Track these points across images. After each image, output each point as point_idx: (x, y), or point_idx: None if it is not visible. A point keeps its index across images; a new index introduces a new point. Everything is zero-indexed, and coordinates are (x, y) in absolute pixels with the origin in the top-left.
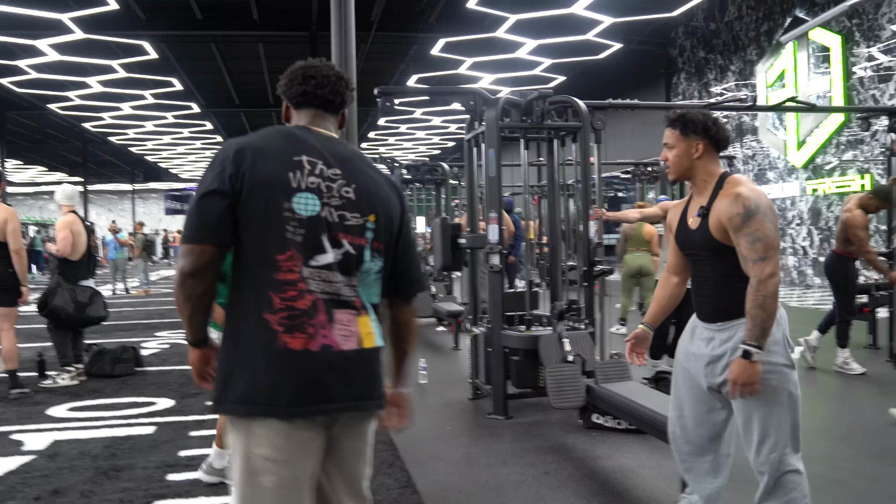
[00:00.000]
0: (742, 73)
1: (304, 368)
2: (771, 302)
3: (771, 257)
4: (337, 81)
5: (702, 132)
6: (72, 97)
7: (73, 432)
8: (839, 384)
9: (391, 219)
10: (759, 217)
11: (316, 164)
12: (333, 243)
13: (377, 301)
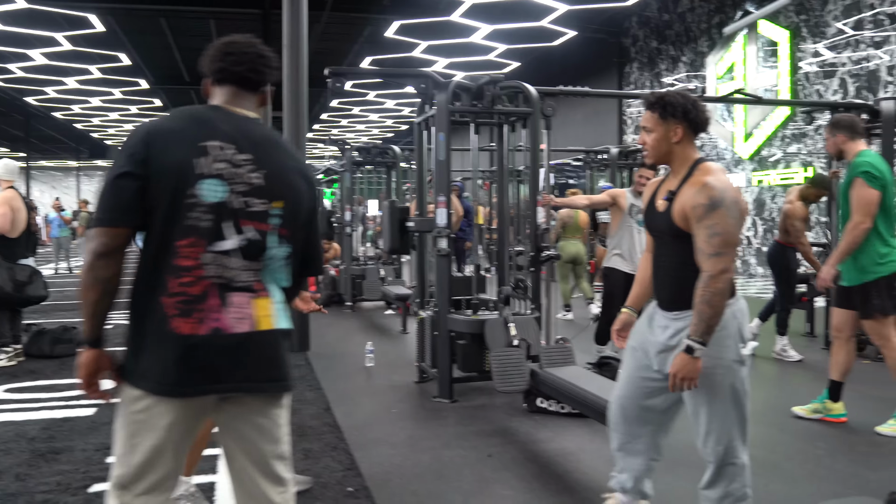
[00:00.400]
0: (693, 65)
1: (191, 351)
2: (719, 299)
3: (726, 254)
4: (257, 59)
5: (681, 116)
6: (13, 69)
7: (9, 414)
8: (777, 370)
9: (300, 206)
10: (721, 211)
11: (225, 149)
12: (236, 230)
13: (287, 284)
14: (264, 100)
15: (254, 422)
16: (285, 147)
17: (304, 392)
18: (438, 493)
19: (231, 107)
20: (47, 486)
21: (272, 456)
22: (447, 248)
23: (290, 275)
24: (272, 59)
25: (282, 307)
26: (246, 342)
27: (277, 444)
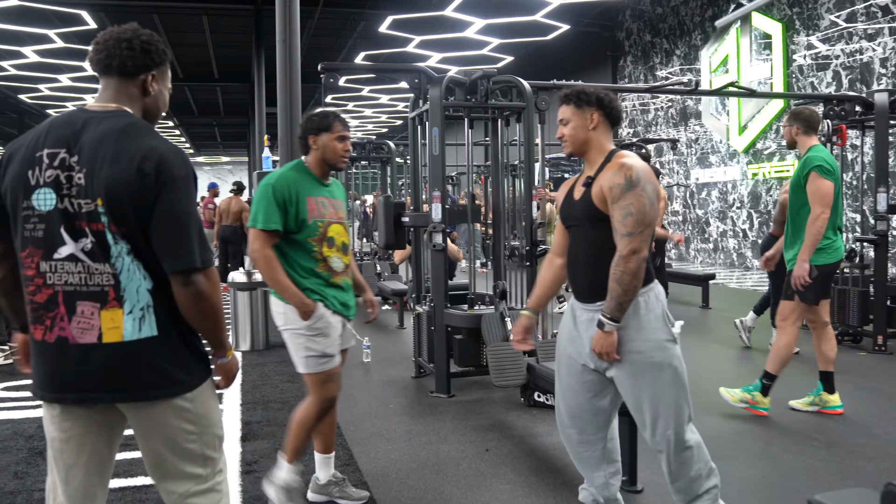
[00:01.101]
0: (687, 58)
1: (43, 358)
2: (629, 279)
3: (639, 234)
4: (115, 44)
5: (595, 103)
6: (6, 67)
7: (7, 412)
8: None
9: (130, 198)
10: (637, 190)
11: (56, 155)
12: (75, 234)
13: (149, 285)
14: (144, 87)
15: (139, 427)
16: (128, 136)
17: (301, 387)
18: (436, 488)
19: (99, 102)
20: (45, 483)
21: (166, 460)
22: (442, 242)
23: (148, 273)
24: (136, 42)
25: (140, 315)
26: (92, 353)
27: (169, 448)
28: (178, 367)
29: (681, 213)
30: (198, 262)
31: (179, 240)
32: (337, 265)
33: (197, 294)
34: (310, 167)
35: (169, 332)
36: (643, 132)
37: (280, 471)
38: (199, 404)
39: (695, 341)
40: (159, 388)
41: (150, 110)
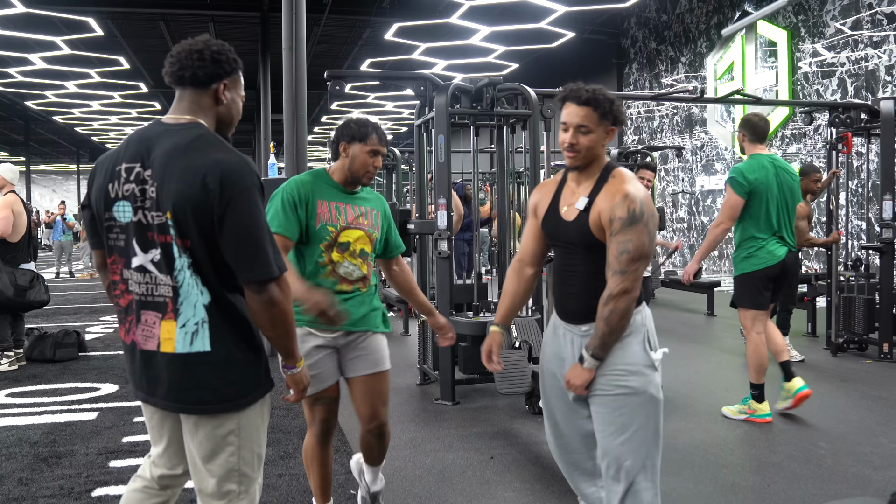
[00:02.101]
0: (692, 65)
1: (127, 358)
2: (617, 319)
3: (632, 272)
4: (187, 56)
5: (613, 118)
6: (13, 74)
7: (12, 419)
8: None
9: (194, 212)
10: (639, 227)
11: (132, 170)
12: (146, 246)
13: (206, 300)
14: (216, 97)
15: (188, 437)
16: (195, 151)
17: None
18: (441, 496)
19: (171, 114)
20: (50, 490)
21: (202, 474)
22: (447, 249)
23: (206, 288)
24: (208, 52)
25: (194, 329)
26: (151, 360)
27: (206, 462)
28: (229, 383)
29: (686, 221)
30: (274, 272)
31: (254, 251)
32: (347, 271)
33: (270, 302)
34: (332, 173)
35: (222, 348)
36: (648, 139)
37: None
38: (246, 422)
39: (700, 349)
40: (208, 404)
41: (224, 119)
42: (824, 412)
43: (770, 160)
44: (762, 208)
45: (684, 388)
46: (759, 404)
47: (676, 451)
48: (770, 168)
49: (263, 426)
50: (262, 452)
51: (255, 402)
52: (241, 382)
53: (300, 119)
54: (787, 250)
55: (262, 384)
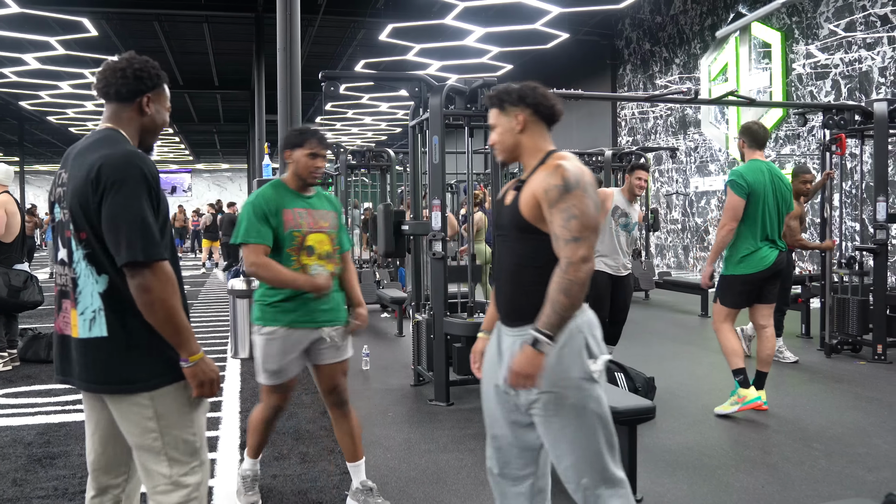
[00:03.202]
0: (686, 67)
1: (53, 345)
2: (578, 290)
3: (586, 238)
4: (111, 73)
5: (518, 101)
6: (8, 74)
7: (5, 419)
8: (773, 372)
9: (82, 205)
10: (578, 192)
11: (60, 175)
12: (63, 241)
13: (101, 287)
14: (140, 109)
15: (117, 417)
16: (90, 150)
17: (300, 395)
18: (435, 497)
19: (102, 124)
20: (44, 491)
21: (137, 450)
22: (442, 251)
23: (100, 278)
24: (130, 71)
25: (91, 316)
26: (69, 344)
27: (136, 441)
28: (131, 367)
29: (680, 222)
30: (139, 256)
31: (120, 236)
32: (317, 272)
33: (142, 287)
34: (287, 182)
35: (120, 333)
36: (642, 140)
37: (244, 463)
38: (159, 404)
39: (694, 350)
40: (111, 384)
41: (148, 128)
42: (818, 413)
43: (767, 167)
44: (757, 212)
45: (678, 390)
46: (748, 390)
47: (670, 452)
48: (766, 174)
49: (191, 411)
50: (191, 438)
51: (166, 385)
52: (144, 365)
53: (294, 119)
54: (777, 253)
55: (172, 369)
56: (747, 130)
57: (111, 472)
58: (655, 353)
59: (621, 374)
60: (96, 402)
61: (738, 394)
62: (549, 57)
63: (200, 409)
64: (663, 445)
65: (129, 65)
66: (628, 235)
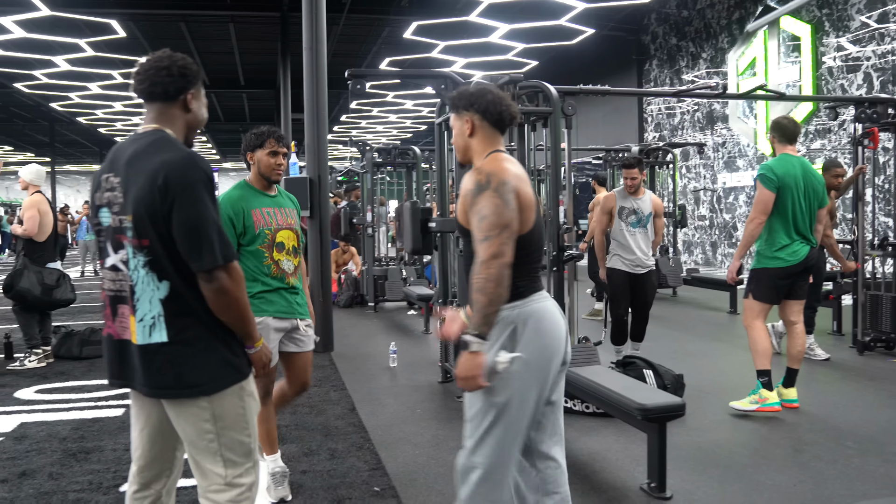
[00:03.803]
0: (713, 61)
1: (104, 349)
2: (492, 287)
3: (496, 237)
4: (156, 73)
5: (468, 106)
6: (38, 76)
7: (41, 415)
8: (804, 369)
9: (148, 212)
10: (487, 193)
11: (108, 179)
12: (116, 247)
13: (162, 294)
14: (185, 106)
15: (175, 422)
16: (147, 155)
17: (328, 392)
18: None
19: (144, 125)
20: (79, 484)
21: (193, 455)
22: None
23: (162, 284)
24: (175, 67)
25: (151, 322)
26: (127, 349)
27: (193, 447)
28: (191, 371)
29: (708, 218)
30: (219, 260)
31: (199, 242)
32: (288, 267)
33: (220, 289)
34: (252, 182)
35: (181, 338)
36: (669, 136)
37: (267, 461)
38: (217, 406)
39: (723, 347)
40: (172, 389)
41: (192, 124)
42: (851, 411)
43: (799, 162)
44: (788, 206)
45: (707, 387)
46: (770, 393)
47: (700, 449)
48: (798, 168)
49: (246, 413)
50: (246, 440)
51: (226, 388)
52: (204, 369)
53: (321, 118)
54: (809, 248)
55: (233, 371)
56: (777, 125)
57: (156, 468)
58: (684, 350)
59: (650, 372)
60: (146, 401)
61: (760, 394)
62: (574, 53)
63: (255, 410)
64: (693, 443)
65: (172, 62)
66: (645, 231)
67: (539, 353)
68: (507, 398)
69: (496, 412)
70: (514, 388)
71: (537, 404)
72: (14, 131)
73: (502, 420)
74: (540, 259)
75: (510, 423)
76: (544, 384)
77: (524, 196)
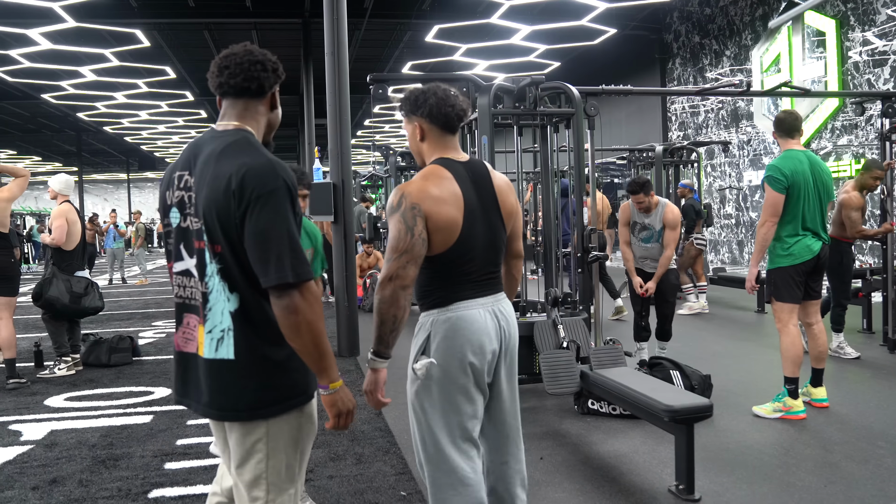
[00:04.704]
0: (737, 58)
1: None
2: (385, 307)
3: (394, 260)
4: (249, 66)
5: (413, 110)
6: (65, 86)
7: (71, 422)
8: (834, 368)
9: (220, 216)
10: (396, 216)
11: (182, 177)
12: (190, 251)
13: (233, 306)
14: (271, 102)
15: (230, 442)
16: (225, 156)
17: (354, 397)
18: None
19: (220, 122)
20: (108, 491)
21: (238, 479)
22: None
23: (233, 295)
24: (267, 64)
25: (220, 336)
26: (191, 363)
27: (241, 469)
28: (253, 391)
29: (734, 216)
30: (290, 277)
31: (269, 255)
32: None
33: (290, 308)
34: None
35: (247, 357)
36: (693, 135)
37: None
38: (273, 429)
39: (751, 347)
40: (230, 411)
41: (273, 123)
42: (882, 411)
43: (805, 156)
44: (799, 203)
45: (735, 387)
46: (795, 401)
47: (728, 451)
48: (805, 163)
49: (301, 437)
50: (293, 464)
51: (285, 412)
52: (267, 391)
53: (343, 123)
54: (821, 244)
55: (295, 395)
56: (776, 121)
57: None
58: (711, 351)
59: (677, 373)
60: (222, 429)
61: (784, 402)
62: (596, 53)
63: (311, 434)
64: (721, 444)
65: (265, 57)
66: (658, 245)
67: (454, 359)
68: (430, 402)
69: (418, 414)
70: (434, 392)
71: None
72: (42, 141)
73: (425, 420)
74: (476, 268)
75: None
76: (467, 389)
77: (437, 218)
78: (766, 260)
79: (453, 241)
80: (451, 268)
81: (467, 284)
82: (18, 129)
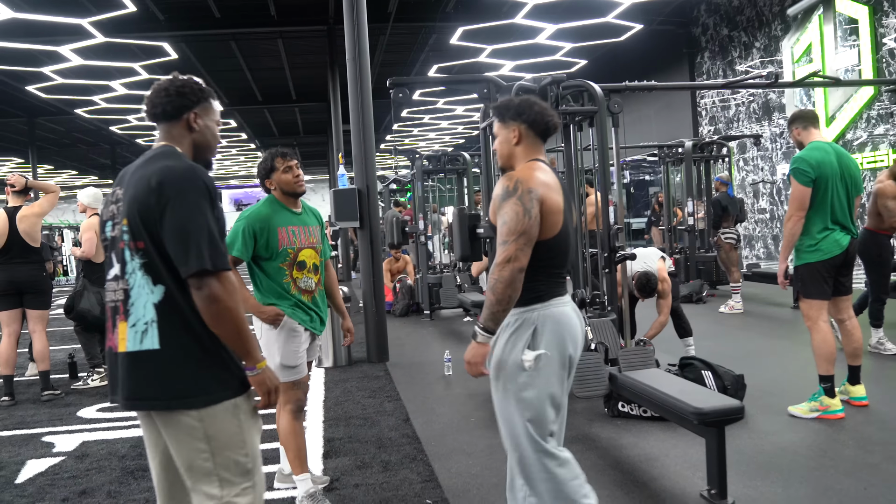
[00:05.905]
0: (767, 50)
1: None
2: (501, 287)
3: (512, 242)
4: (156, 94)
5: (515, 116)
6: (97, 101)
7: (102, 433)
8: (873, 365)
9: (141, 213)
10: (512, 199)
11: (115, 192)
12: (117, 256)
13: (160, 298)
14: (188, 125)
15: (168, 437)
16: (149, 162)
17: (383, 403)
18: None
19: (156, 142)
20: (136, 502)
21: (187, 474)
22: None
23: (156, 288)
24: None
25: (143, 328)
26: (120, 361)
27: (188, 465)
28: (181, 382)
29: (768, 211)
30: (208, 265)
31: (187, 246)
32: (306, 284)
33: (210, 297)
34: (279, 199)
35: (173, 346)
36: (724, 129)
37: (298, 486)
38: (209, 424)
39: (787, 345)
40: (157, 400)
41: (200, 144)
42: None
43: (831, 147)
44: (827, 197)
45: (770, 387)
46: (832, 399)
47: (763, 453)
48: (832, 154)
49: (243, 431)
50: (242, 459)
51: (218, 402)
52: (196, 381)
53: (367, 128)
54: (850, 239)
55: (228, 386)
56: (795, 116)
57: (175, 498)
58: (745, 350)
59: (709, 373)
60: (152, 425)
61: (821, 401)
62: (623, 49)
63: (253, 429)
64: (756, 446)
65: (171, 84)
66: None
67: (558, 352)
68: (536, 393)
69: (523, 406)
70: (540, 384)
71: (561, 398)
72: (78, 155)
73: (531, 412)
74: (564, 265)
75: (539, 415)
76: (563, 380)
77: (549, 203)
78: (794, 256)
79: (558, 230)
80: (551, 258)
81: (559, 279)
82: (55, 145)
